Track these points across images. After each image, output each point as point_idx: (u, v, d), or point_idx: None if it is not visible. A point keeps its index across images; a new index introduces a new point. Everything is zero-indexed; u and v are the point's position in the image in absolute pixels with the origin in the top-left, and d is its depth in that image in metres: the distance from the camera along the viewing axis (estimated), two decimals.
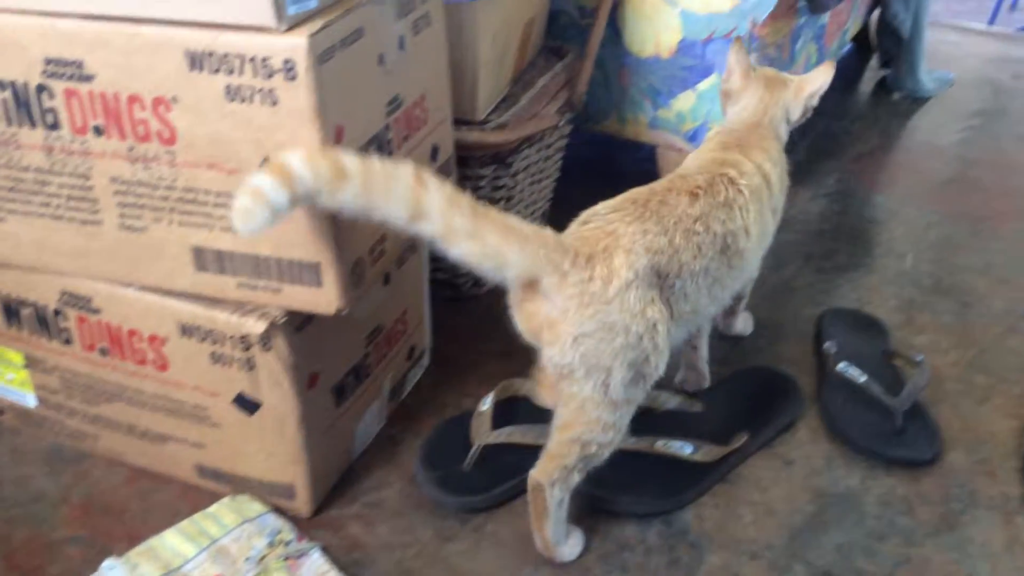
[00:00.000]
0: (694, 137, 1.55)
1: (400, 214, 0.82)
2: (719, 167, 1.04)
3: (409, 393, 1.28)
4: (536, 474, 0.99)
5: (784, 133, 1.17)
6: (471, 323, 1.42)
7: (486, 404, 1.18)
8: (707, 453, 1.12)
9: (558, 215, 1.62)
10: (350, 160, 0.80)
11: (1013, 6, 4.15)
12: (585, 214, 0.97)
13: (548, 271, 0.88)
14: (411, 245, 1.17)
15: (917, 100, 2.18)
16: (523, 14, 1.40)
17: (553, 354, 0.91)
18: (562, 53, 1.56)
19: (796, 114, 1.16)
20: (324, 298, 0.93)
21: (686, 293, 0.96)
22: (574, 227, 0.96)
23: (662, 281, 0.93)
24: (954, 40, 2.57)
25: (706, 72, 1.48)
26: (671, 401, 1.20)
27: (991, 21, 3.91)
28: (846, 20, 1.90)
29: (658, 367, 0.94)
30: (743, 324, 1.38)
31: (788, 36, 1.60)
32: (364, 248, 0.97)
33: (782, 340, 1.36)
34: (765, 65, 1.26)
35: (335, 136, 0.86)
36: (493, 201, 1.38)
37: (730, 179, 1.02)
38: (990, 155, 1.93)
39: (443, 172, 1.15)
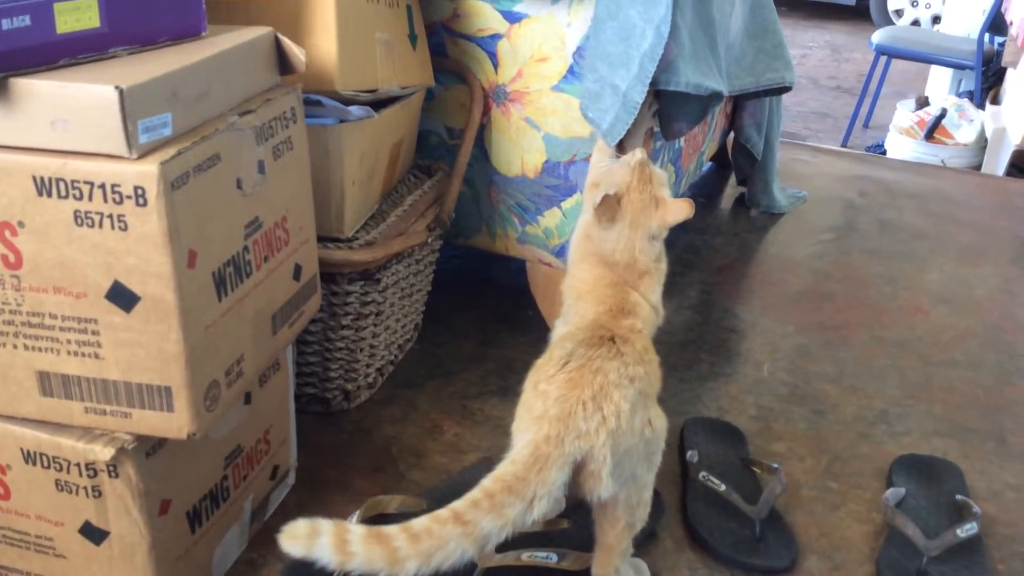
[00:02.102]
0: (561, 252, 1.60)
1: (469, 550, 0.89)
2: (628, 304, 1.14)
3: (273, 514, 1.24)
4: (600, 570, 1.09)
5: (652, 250, 1.20)
6: (340, 438, 1.41)
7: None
8: (574, 561, 1.13)
9: (433, 326, 1.66)
10: (399, 538, 0.85)
11: (866, 124, 4.49)
12: (559, 354, 1.03)
13: (580, 449, 0.97)
14: (275, 363, 1.16)
15: (773, 216, 2.30)
16: (392, 135, 1.44)
17: (599, 494, 1.00)
18: (431, 171, 1.61)
19: (660, 238, 1.21)
20: (176, 423, 0.91)
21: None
22: (553, 370, 1.02)
23: (645, 399, 1.05)
24: (807, 159, 2.74)
25: (570, 192, 1.54)
26: (537, 524, 1.21)
27: (845, 140, 4.22)
28: (702, 143, 2.01)
29: (660, 448, 1.08)
30: None
31: None
32: (219, 370, 0.96)
33: None
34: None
35: (188, 260, 0.86)
36: (362, 317, 1.39)
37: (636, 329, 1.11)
38: (840, 268, 2.05)
39: (307, 291, 1.16)
